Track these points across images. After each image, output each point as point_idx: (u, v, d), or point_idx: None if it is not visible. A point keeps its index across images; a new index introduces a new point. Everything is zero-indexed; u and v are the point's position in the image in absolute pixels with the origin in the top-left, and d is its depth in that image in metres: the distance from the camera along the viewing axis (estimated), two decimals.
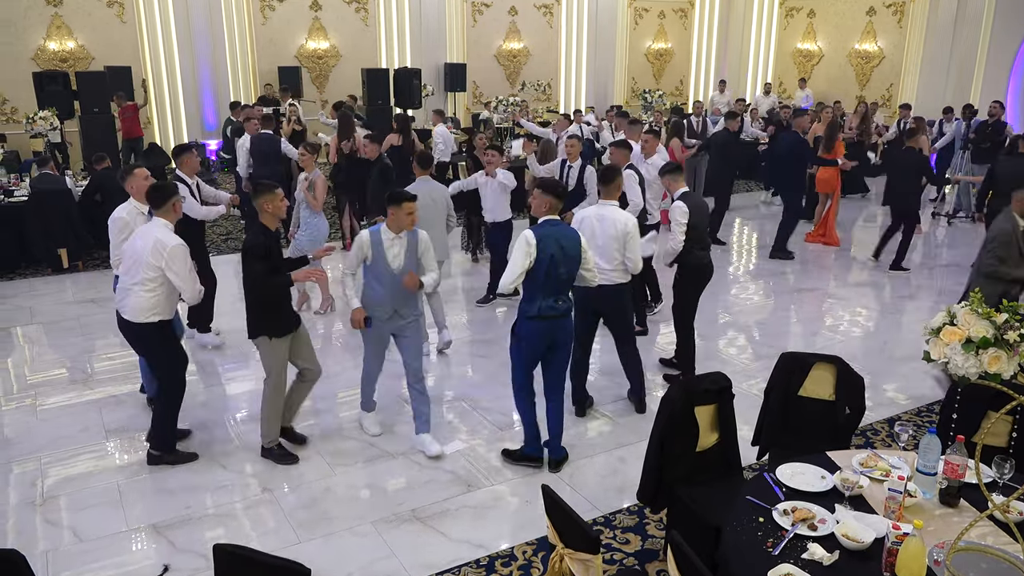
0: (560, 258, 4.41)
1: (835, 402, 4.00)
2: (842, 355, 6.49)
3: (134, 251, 4.54)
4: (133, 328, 4.59)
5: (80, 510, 4.33)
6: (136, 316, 4.53)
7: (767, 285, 8.75)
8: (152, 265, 4.45)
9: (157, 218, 4.61)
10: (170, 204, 4.62)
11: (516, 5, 17.91)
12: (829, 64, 18.96)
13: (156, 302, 4.54)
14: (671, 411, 3.67)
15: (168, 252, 4.45)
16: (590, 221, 5.20)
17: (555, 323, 4.53)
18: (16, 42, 13.36)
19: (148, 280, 4.48)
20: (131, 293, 4.52)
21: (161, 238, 4.48)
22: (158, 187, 4.73)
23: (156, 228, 4.55)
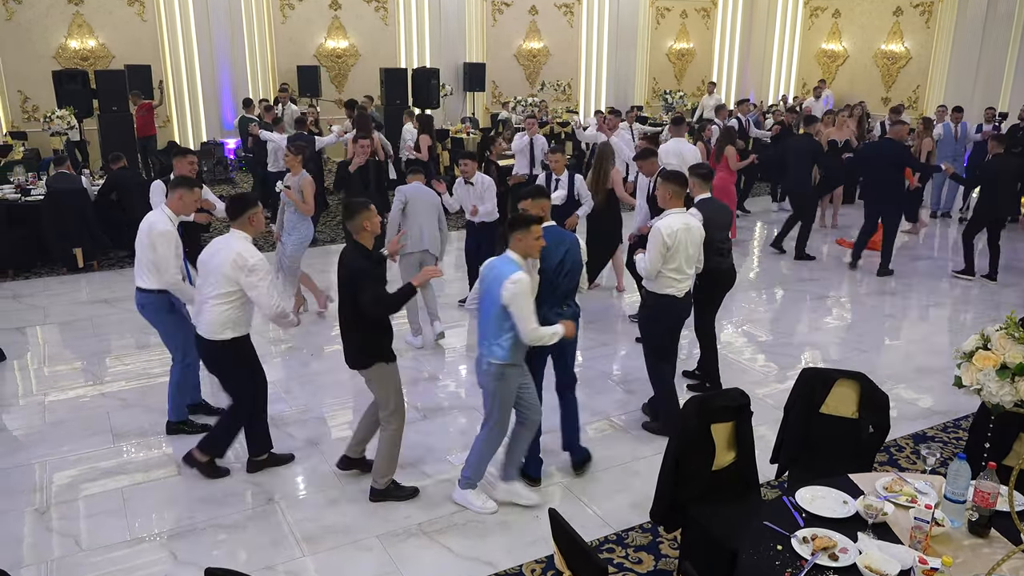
0: (565, 264, 4.43)
1: (858, 420, 3.83)
2: (864, 364, 6.40)
3: (207, 267, 4.36)
4: (208, 344, 4.41)
5: (83, 518, 4.26)
6: (213, 332, 4.36)
7: (788, 291, 8.56)
8: (231, 279, 4.28)
9: (235, 231, 4.40)
10: (246, 217, 4.39)
11: (536, 4, 17.79)
12: (854, 65, 18.66)
13: (230, 316, 4.35)
14: (686, 428, 3.53)
15: (249, 267, 4.27)
16: (683, 233, 4.90)
17: None
18: (38, 40, 13.45)
19: (224, 294, 4.30)
20: (206, 309, 4.35)
21: (242, 251, 4.29)
22: (236, 198, 4.54)
23: (236, 241, 4.35)
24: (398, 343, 6.74)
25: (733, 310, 7.64)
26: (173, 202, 4.90)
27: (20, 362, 6.36)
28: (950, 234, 11.35)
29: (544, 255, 4.33)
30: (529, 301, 3.98)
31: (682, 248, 4.90)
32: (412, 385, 5.93)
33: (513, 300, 3.93)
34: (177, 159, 6.13)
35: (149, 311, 4.99)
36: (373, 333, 4.25)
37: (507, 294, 3.93)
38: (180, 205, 4.90)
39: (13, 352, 6.50)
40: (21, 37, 13.33)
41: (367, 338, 4.25)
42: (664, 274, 4.92)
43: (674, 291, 4.99)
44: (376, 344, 4.26)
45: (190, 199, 4.96)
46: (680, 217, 4.97)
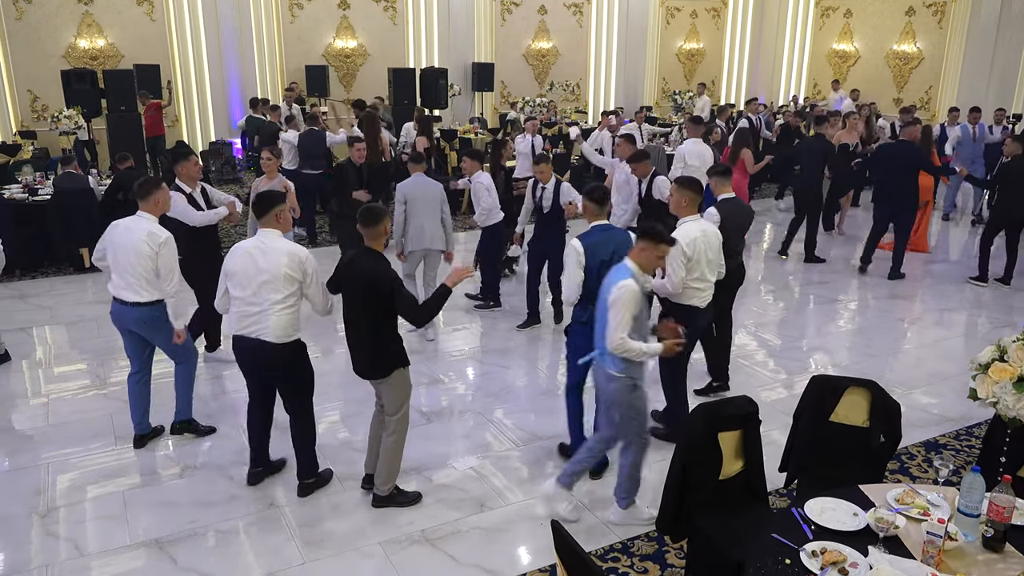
0: (611, 263, 4.31)
1: (869, 429, 3.76)
2: (874, 369, 6.32)
3: (256, 271, 4.12)
4: (280, 349, 4.18)
5: (83, 522, 4.23)
6: (283, 336, 4.17)
7: (797, 294, 8.48)
8: (292, 279, 4.13)
9: (266, 229, 4.22)
10: (273, 214, 4.22)
11: (546, 4, 17.72)
12: (865, 65, 18.51)
13: (296, 317, 4.23)
14: (693, 436, 3.47)
15: (305, 260, 4.17)
16: (702, 240, 4.79)
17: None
18: (47, 40, 13.47)
19: (288, 295, 4.14)
20: (270, 314, 4.12)
21: (292, 250, 4.17)
22: (263, 196, 4.34)
23: (277, 240, 4.19)
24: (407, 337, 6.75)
25: (742, 313, 7.55)
26: (151, 207, 4.69)
27: (25, 362, 6.34)
28: (961, 236, 11.21)
29: (590, 252, 4.43)
30: (628, 311, 3.84)
31: (702, 256, 4.79)
32: (416, 388, 5.87)
33: (613, 305, 3.86)
34: (182, 162, 5.88)
35: (150, 326, 4.75)
36: (392, 339, 4.17)
37: (611, 297, 3.89)
38: (158, 208, 4.75)
39: (18, 352, 6.49)
40: (31, 36, 13.34)
41: (387, 345, 4.15)
42: (688, 284, 4.79)
43: (697, 301, 4.88)
44: (396, 350, 4.19)
45: (166, 198, 4.85)
46: (696, 224, 4.85)
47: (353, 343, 4.21)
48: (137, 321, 4.74)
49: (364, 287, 4.04)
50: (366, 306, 4.06)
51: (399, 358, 4.20)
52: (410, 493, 4.45)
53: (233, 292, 4.20)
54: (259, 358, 4.25)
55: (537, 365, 6.45)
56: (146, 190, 4.72)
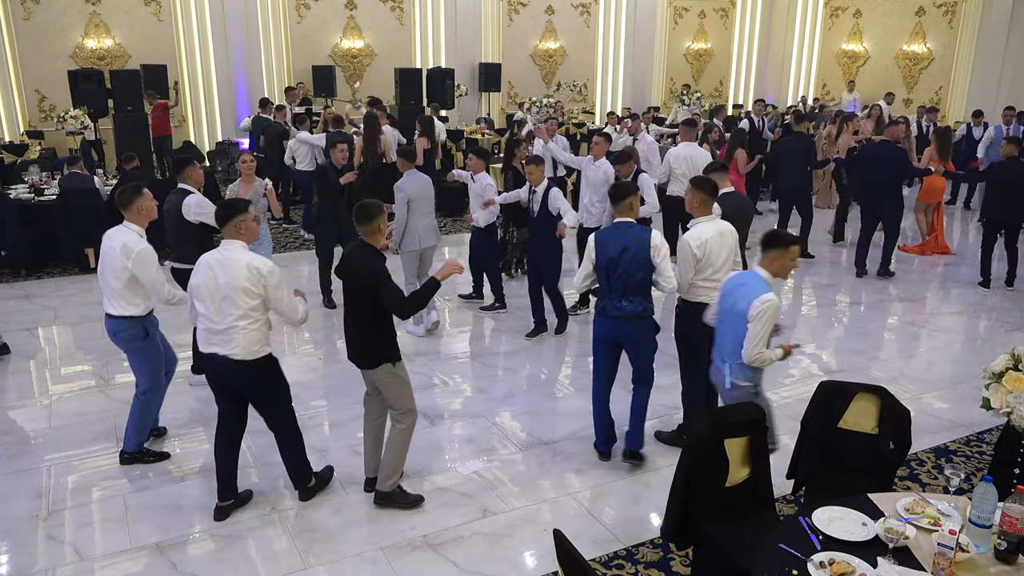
0: (618, 261, 4.47)
1: (878, 436, 3.70)
2: (881, 373, 6.25)
3: (216, 286, 3.97)
4: (249, 367, 4.04)
5: (84, 525, 4.20)
6: (250, 353, 4.03)
7: (802, 296, 8.41)
8: (253, 293, 3.96)
9: (229, 240, 4.04)
10: (234, 224, 4.02)
11: (553, 4, 17.66)
12: (875, 66, 18.41)
13: (263, 332, 4.07)
14: (698, 443, 3.42)
15: (267, 274, 3.97)
16: (715, 241, 4.71)
17: (619, 324, 4.58)
18: (55, 40, 13.49)
19: (251, 309, 3.97)
20: (237, 331, 3.98)
21: (252, 262, 3.97)
22: (225, 205, 4.16)
23: (238, 252, 4.00)
24: (410, 337, 6.74)
25: None
26: (135, 216, 4.52)
27: (28, 363, 6.33)
28: (974, 238, 11.10)
29: (600, 247, 4.54)
30: (769, 325, 3.89)
31: (713, 256, 4.70)
32: (420, 391, 5.84)
33: (756, 319, 3.86)
34: (191, 168, 5.74)
35: (121, 339, 4.65)
36: (381, 335, 4.19)
37: (754, 312, 3.86)
38: (142, 216, 4.56)
39: (22, 352, 6.48)
40: (38, 36, 13.37)
41: (375, 340, 4.19)
42: (696, 284, 4.72)
43: (707, 299, 4.73)
44: (383, 345, 4.20)
45: (150, 205, 4.60)
46: (711, 225, 4.75)
47: (347, 332, 4.29)
48: (111, 335, 4.67)
49: (356, 281, 4.14)
50: (357, 299, 4.15)
51: (388, 353, 4.20)
52: (412, 495, 4.41)
53: (198, 308, 4.05)
54: (228, 377, 4.10)
55: (542, 368, 6.40)
56: (127, 198, 4.54)
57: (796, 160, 9.45)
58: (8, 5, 13.00)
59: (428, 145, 9.64)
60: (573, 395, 5.87)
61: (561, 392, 5.94)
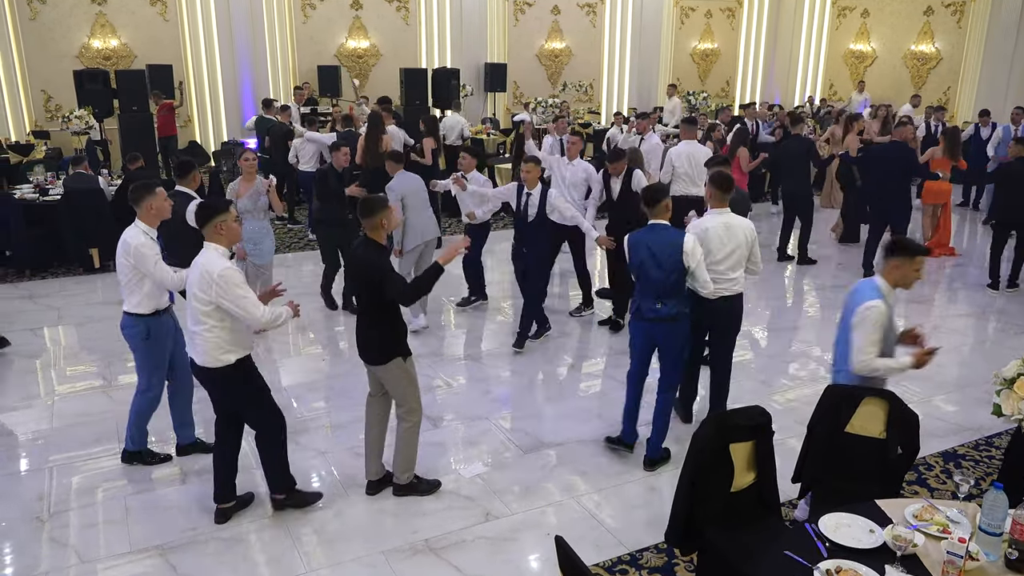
0: (650, 263, 4.50)
1: (886, 441, 3.65)
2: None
3: (190, 290, 3.95)
4: (211, 373, 3.98)
5: (85, 527, 4.18)
6: (210, 360, 3.94)
7: (808, 298, 8.34)
8: (203, 299, 3.85)
9: (207, 243, 3.94)
10: (213, 225, 3.92)
11: (559, 4, 17.63)
12: (883, 66, 18.31)
13: (224, 338, 3.91)
14: (703, 448, 3.37)
15: (216, 279, 3.80)
16: (717, 231, 4.82)
17: (654, 326, 4.61)
18: (61, 40, 13.51)
19: (205, 314, 3.87)
20: (197, 336, 3.93)
21: (205, 265, 3.85)
22: (202, 205, 4.08)
23: (202, 255, 3.91)
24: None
25: (752, 317, 7.44)
26: (145, 214, 4.46)
27: (31, 364, 6.32)
28: (981, 239, 11.01)
29: (632, 249, 4.60)
30: (874, 331, 3.81)
31: (714, 246, 4.78)
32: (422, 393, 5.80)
33: (859, 325, 3.84)
34: (193, 173, 5.76)
35: (126, 335, 4.61)
36: (390, 329, 4.21)
37: (856, 318, 3.84)
38: (153, 215, 4.49)
39: (25, 352, 6.48)
40: (44, 37, 13.39)
41: (383, 334, 4.20)
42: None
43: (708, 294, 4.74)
44: (392, 340, 4.21)
45: (161, 204, 4.51)
46: (719, 217, 4.86)
47: (358, 328, 4.29)
48: (121, 329, 4.62)
49: (360, 275, 4.18)
50: (365, 294, 4.19)
51: (397, 347, 4.21)
52: (430, 481, 4.47)
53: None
54: (200, 380, 4.10)
55: (545, 370, 6.35)
56: (138, 196, 4.47)
57: (796, 163, 9.36)
58: (14, 5, 13.02)
59: (435, 145, 9.61)
60: (577, 397, 5.83)
61: (565, 394, 5.90)
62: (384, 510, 4.35)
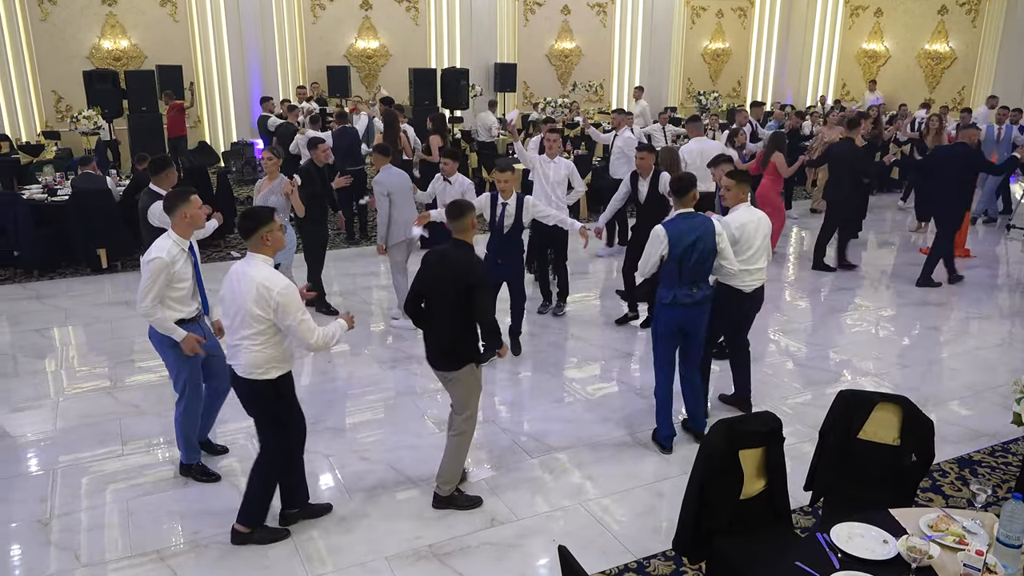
0: (691, 249, 4.65)
1: (899, 447, 3.56)
2: (904, 380, 6.09)
3: (231, 300, 3.80)
4: (246, 384, 3.86)
5: (85, 530, 4.14)
6: (250, 373, 3.81)
7: (824, 301, 8.23)
8: (259, 316, 3.70)
9: (252, 254, 3.81)
10: (259, 236, 3.77)
11: (569, 4, 17.56)
12: (896, 65, 18.14)
13: (271, 355, 3.79)
14: (712, 455, 3.29)
15: (275, 299, 3.67)
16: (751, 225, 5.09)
17: (688, 311, 4.76)
18: (71, 41, 13.55)
19: (257, 333, 3.73)
20: (241, 348, 3.79)
21: (264, 282, 3.68)
22: (247, 215, 3.87)
23: (254, 268, 3.74)
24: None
25: (766, 320, 7.34)
26: (178, 222, 4.30)
27: (37, 364, 6.30)
28: (996, 240, 10.86)
29: (674, 240, 4.64)
30: None
31: (751, 239, 5.05)
32: (429, 395, 5.75)
33: None
34: (169, 171, 5.47)
35: (153, 342, 4.48)
36: (473, 335, 4.20)
37: None
38: (187, 225, 4.33)
39: (31, 353, 6.46)
40: (55, 37, 13.44)
41: (467, 340, 4.17)
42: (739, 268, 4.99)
43: (741, 283, 5.06)
44: (472, 346, 4.20)
45: (196, 212, 4.35)
46: (748, 212, 5.14)
47: (433, 334, 4.21)
48: (149, 336, 4.48)
49: (452, 278, 4.06)
50: (452, 297, 4.07)
51: (474, 353, 4.19)
52: (471, 497, 4.39)
53: (222, 319, 3.94)
54: (236, 390, 3.97)
55: (551, 373, 6.28)
56: (171, 204, 4.32)
57: (846, 169, 8.82)
58: (26, 6, 13.07)
59: (441, 143, 9.55)
60: (583, 401, 5.76)
61: (571, 398, 5.82)
62: (388, 514, 4.29)
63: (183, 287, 4.34)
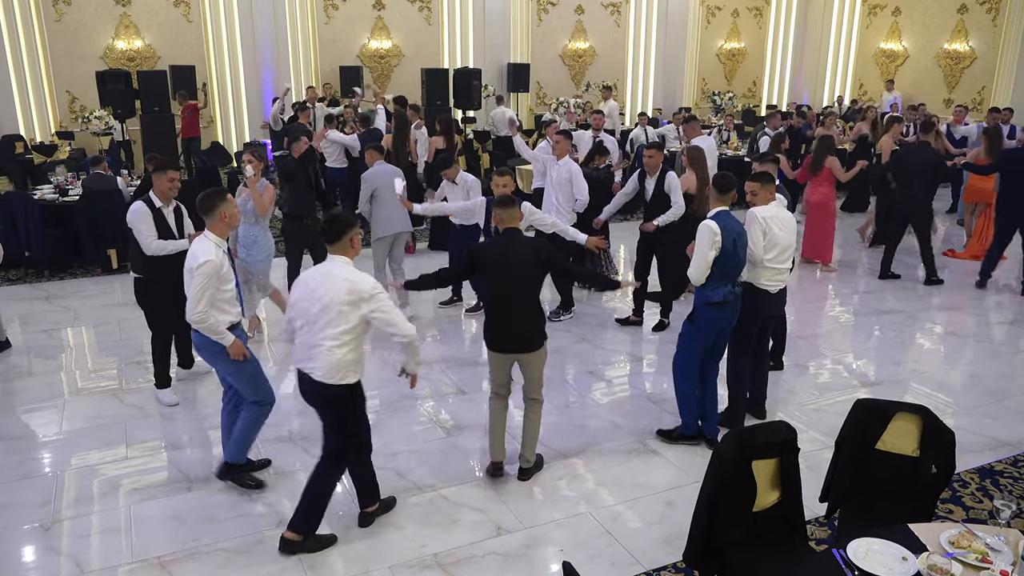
0: (740, 245, 4.70)
1: (919, 459, 3.44)
2: (923, 386, 5.95)
3: (311, 301, 3.76)
4: (325, 389, 3.82)
5: (87, 536, 4.08)
6: (331, 377, 3.79)
7: (842, 305, 8.09)
8: (348, 315, 3.72)
9: (335, 256, 3.82)
10: (347, 239, 3.81)
11: (583, 3, 17.44)
12: (915, 65, 17.89)
13: (352, 358, 3.82)
14: (724, 465, 3.19)
15: (368, 295, 3.72)
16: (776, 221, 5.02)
17: (724, 310, 4.77)
18: (85, 41, 13.59)
19: (343, 332, 3.74)
20: (322, 350, 3.76)
21: (354, 280, 3.73)
22: (332, 219, 3.87)
23: (341, 267, 3.78)
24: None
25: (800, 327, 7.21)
26: (217, 223, 4.23)
27: (44, 366, 6.26)
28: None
29: (725, 233, 4.62)
30: None
31: (779, 237, 4.99)
32: (437, 400, 5.68)
33: None
34: (157, 175, 5.34)
35: (206, 352, 4.30)
36: (543, 314, 4.55)
37: None
38: (225, 225, 4.28)
39: (40, 355, 6.43)
40: (69, 38, 13.47)
41: (542, 316, 4.49)
42: (763, 265, 4.98)
43: (770, 284, 5.04)
44: (544, 324, 4.50)
45: (234, 212, 4.31)
46: (777, 209, 5.08)
47: (505, 322, 4.40)
48: (196, 348, 4.39)
49: (522, 263, 4.30)
50: (524, 281, 4.35)
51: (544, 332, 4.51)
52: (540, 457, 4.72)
53: (295, 323, 3.88)
54: (307, 394, 3.93)
55: (561, 378, 6.17)
56: (210, 204, 4.23)
57: (920, 174, 8.38)
58: (40, 7, 13.12)
59: (442, 145, 9.47)
60: (593, 406, 5.65)
61: (582, 403, 5.72)
62: (393, 523, 4.21)
63: (229, 288, 4.28)
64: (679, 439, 5.03)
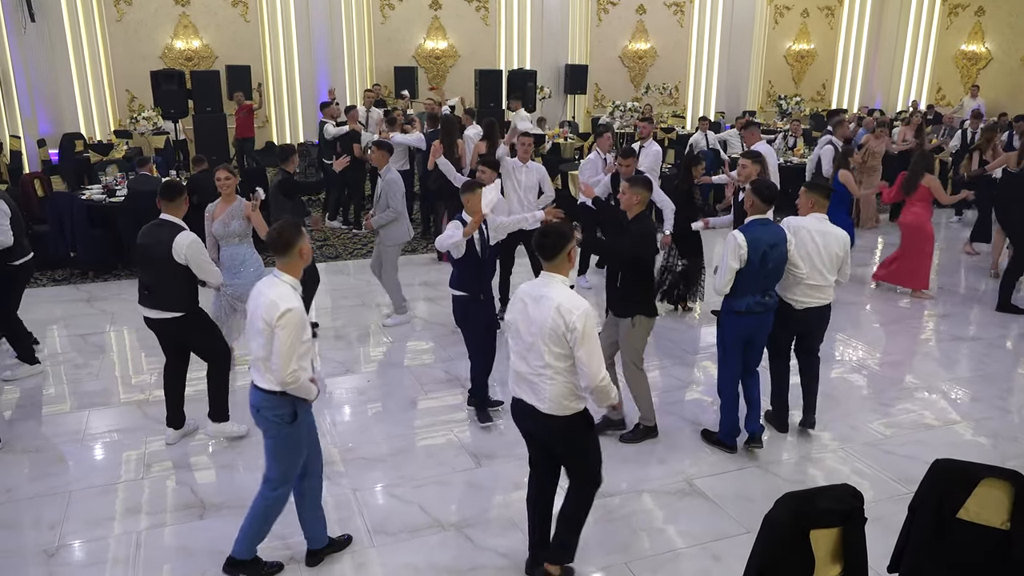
0: (769, 256, 4.60)
1: (1010, 533, 2.95)
2: (1006, 429, 5.36)
3: (526, 323, 3.43)
4: (558, 422, 3.48)
5: (91, 564, 3.88)
6: (556, 408, 3.44)
7: (913, 331, 7.47)
8: (561, 338, 3.33)
9: (547, 274, 3.46)
10: (566, 253, 3.45)
11: (644, 3, 16.97)
12: (999, 69, 16.88)
13: (575, 382, 3.43)
14: (777, 535, 2.76)
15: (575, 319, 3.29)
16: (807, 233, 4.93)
17: (756, 319, 4.72)
18: (145, 41, 13.73)
19: (560, 356, 3.37)
20: (544, 380, 3.42)
21: (567, 304, 3.33)
22: (548, 233, 3.49)
23: (556, 287, 3.40)
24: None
25: (841, 351, 6.67)
26: (293, 261, 3.57)
27: (74, 374, 6.15)
28: None
29: (753, 245, 4.55)
30: None
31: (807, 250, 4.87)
32: (465, 427, 5.34)
33: None
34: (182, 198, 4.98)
35: (263, 418, 3.58)
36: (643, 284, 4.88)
37: None
38: (302, 263, 3.63)
39: (72, 362, 6.33)
40: (130, 37, 13.64)
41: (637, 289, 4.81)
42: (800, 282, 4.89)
43: (807, 300, 4.94)
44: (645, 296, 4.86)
45: (308, 248, 3.66)
46: (821, 223, 4.97)
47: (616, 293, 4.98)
48: (253, 409, 3.66)
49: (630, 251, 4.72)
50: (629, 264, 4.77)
51: (644, 308, 4.80)
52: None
53: (510, 343, 3.55)
54: (533, 427, 3.58)
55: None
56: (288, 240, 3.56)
57: None
58: (102, 6, 13.29)
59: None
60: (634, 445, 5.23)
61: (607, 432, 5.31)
62: (410, 564, 3.89)
63: (308, 335, 3.59)
64: (716, 443, 5.04)
